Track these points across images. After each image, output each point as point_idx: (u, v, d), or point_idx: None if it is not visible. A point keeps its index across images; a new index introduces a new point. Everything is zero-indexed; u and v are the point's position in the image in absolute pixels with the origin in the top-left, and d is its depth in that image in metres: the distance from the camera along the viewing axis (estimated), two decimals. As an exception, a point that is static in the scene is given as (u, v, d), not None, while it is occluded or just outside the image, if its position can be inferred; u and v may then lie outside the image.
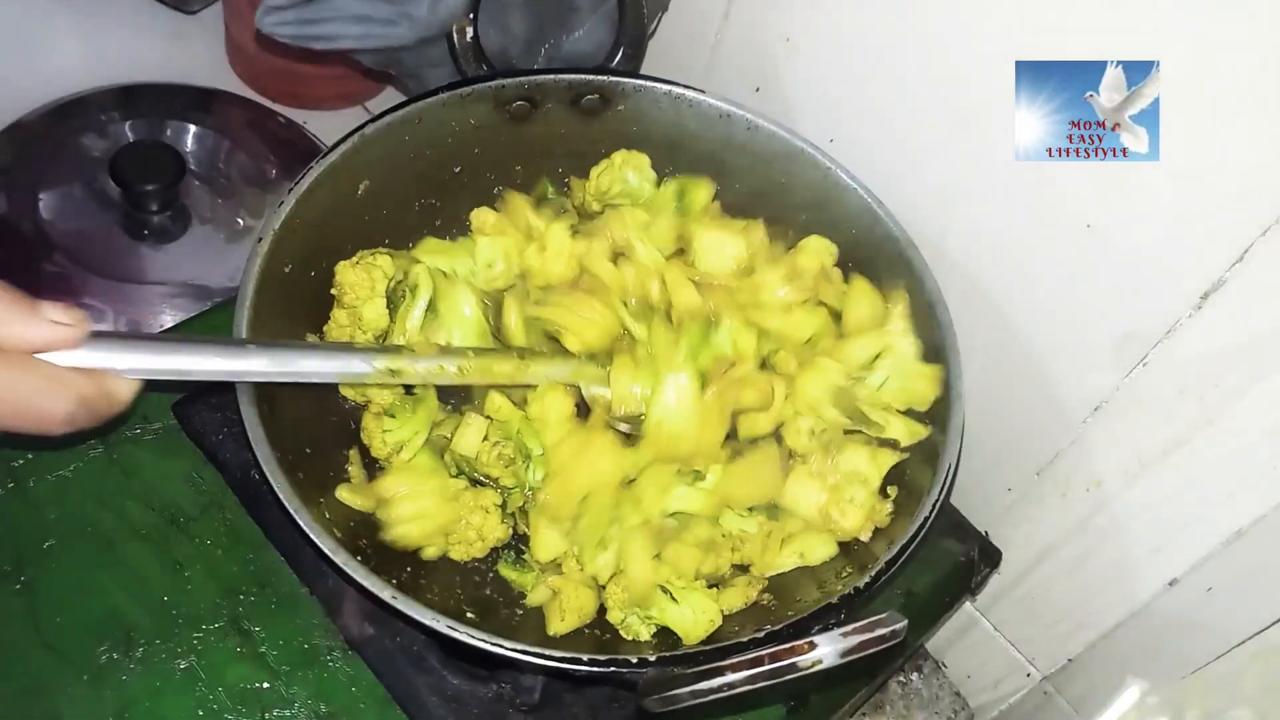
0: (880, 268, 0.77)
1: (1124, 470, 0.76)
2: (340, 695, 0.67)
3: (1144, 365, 0.71)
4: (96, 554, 0.70)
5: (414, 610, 0.56)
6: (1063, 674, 0.90)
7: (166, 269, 0.94)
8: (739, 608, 0.69)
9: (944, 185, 0.77)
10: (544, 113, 0.79)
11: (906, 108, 0.77)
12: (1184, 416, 0.70)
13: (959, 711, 1.02)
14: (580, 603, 0.68)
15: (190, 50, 1.17)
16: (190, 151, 1.02)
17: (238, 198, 1.00)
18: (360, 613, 0.70)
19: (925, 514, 0.64)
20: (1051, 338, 0.76)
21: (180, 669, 0.66)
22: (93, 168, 0.97)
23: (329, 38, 0.77)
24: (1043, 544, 0.85)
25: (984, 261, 0.77)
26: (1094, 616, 0.84)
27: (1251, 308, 0.64)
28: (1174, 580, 0.77)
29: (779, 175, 0.80)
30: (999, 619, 0.94)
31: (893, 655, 0.70)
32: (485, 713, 0.68)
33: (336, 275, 0.72)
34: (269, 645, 0.68)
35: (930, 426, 0.71)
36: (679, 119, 0.80)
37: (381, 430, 0.70)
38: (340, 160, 0.72)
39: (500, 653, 0.56)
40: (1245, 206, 0.61)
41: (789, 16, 0.81)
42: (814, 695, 0.75)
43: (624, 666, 0.57)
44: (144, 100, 1.04)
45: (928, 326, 0.73)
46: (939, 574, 0.83)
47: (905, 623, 0.52)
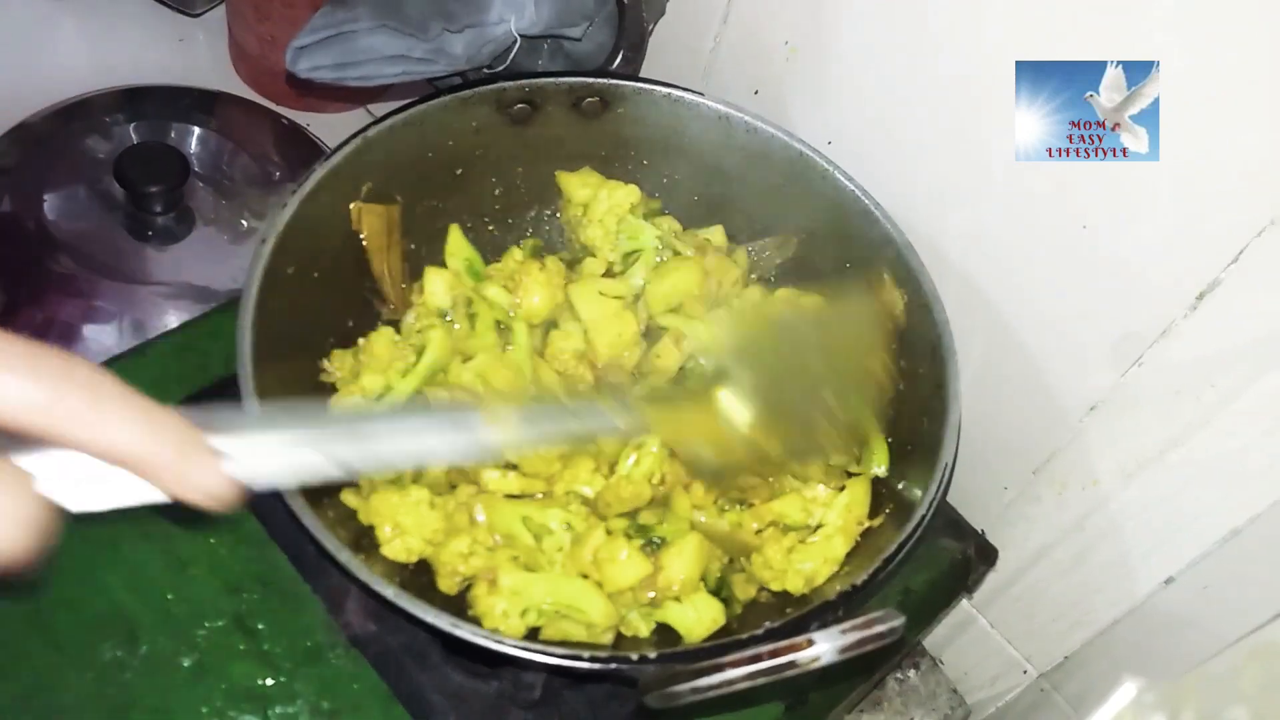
0: (878, 268, 0.77)
1: (1121, 469, 0.76)
2: (343, 692, 0.68)
3: (1140, 365, 0.71)
4: (100, 552, 0.70)
5: (416, 608, 0.57)
6: (1059, 671, 0.91)
7: (170, 270, 0.95)
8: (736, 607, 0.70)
9: (942, 186, 0.77)
10: (544, 115, 0.80)
11: (905, 110, 0.77)
12: (1180, 416, 0.71)
13: (956, 708, 1.02)
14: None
15: (194, 52, 1.18)
16: (194, 153, 1.03)
17: (241, 199, 1.01)
18: (363, 610, 0.70)
19: (922, 513, 0.65)
20: (1048, 338, 0.76)
21: (184, 666, 0.67)
22: (97, 169, 0.97)
23: (366, 77, 0.78)
24: (1039, 542, 0.85)
25: (980, 262, 0.77)
26: (1090, 614, 0.84)
27: (1247, 309, 0.64)
28: (1170, 578, 0.77)
29: (777, 177, 0.80)
30: (996, 617, 0.95)
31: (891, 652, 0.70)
32: (486, 709, 0.69)
33: (371, 343, 0.72)
34: (272, 643, 0.69)
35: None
36: (678, 121, 0.81)
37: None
38: (343, 162, 0.72)
39: (502, 650, 0.57)
40: (1241, 208, 0.61)
41: (788, 20, 0.82)
42: (812, 692, 0.76)
43: (624, 663, 0.58)
44: (148, 102, 1.04)
45: (925, 326, 0.73)
46: (936, 572, 0.83)
47: (903, 620, 0.53)
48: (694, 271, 0.78)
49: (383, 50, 0.77)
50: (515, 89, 0.78)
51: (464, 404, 0.61)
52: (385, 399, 0.71)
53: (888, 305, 0.73)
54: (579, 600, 0.65)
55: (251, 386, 0.62)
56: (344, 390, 0.71)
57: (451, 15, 0.79)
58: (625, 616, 0.68)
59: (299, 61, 0.77)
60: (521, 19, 0.83)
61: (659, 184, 0.85)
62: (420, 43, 0.78)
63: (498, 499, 0.68)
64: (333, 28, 0.76)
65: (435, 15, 0.79)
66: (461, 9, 0.80)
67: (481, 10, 0.81)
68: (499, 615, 0.64)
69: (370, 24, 0.77)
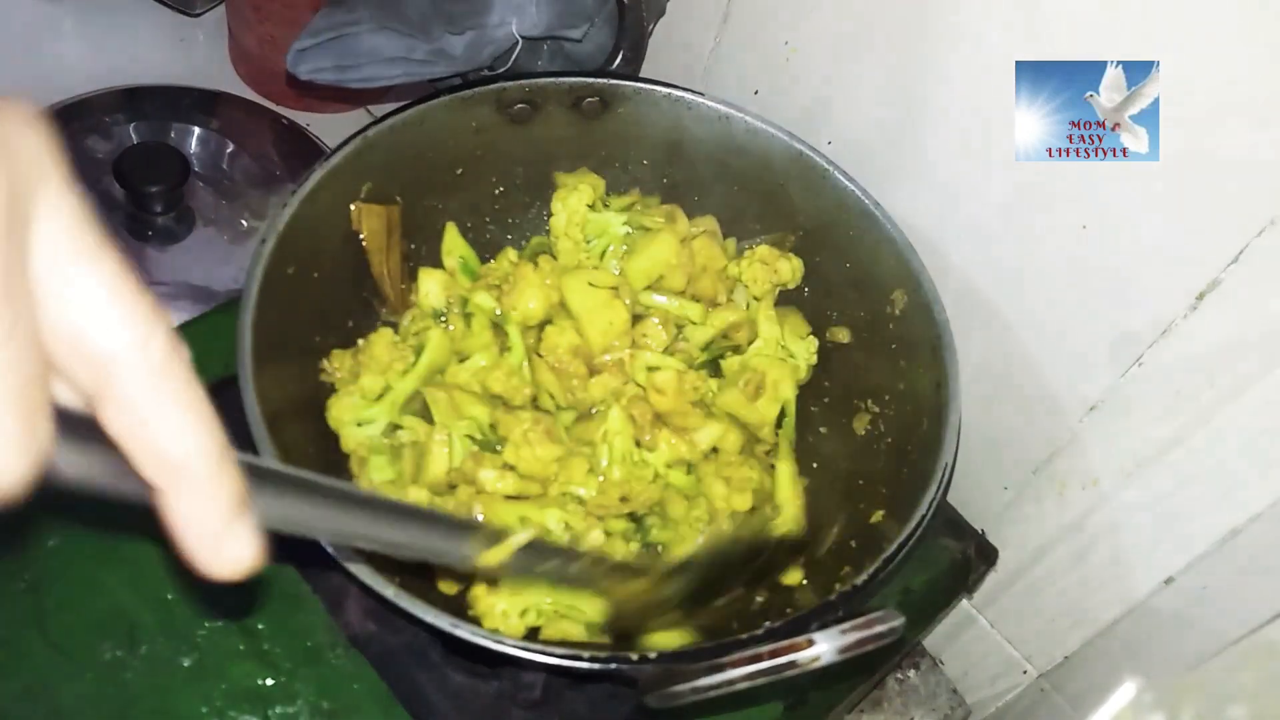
0: (878, 268, 0.77)
1: (1120, 469, 0.76)
2: (343, 692, 0.68)
3: (1140, 365, 0.71)
4: (100, 552, 0.70)
5: (416, 608, 0.57)
6: (1059, 671, 0.91)
7: (171, 270, 0.95)
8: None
9: (942, 186, 0.77)
10: (544, 115, 0.80)
11: (905, 110, 0.77)
12: (1180, 416, 0.71)
13: (956, 708, 1.02)
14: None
15: (194, 52, 1.18)
16: (194, 153, 1.03)
17: (241, 199, 1.01)
18: (362, 610, 0.70)
19: (922, 512, 0.65)
20: (1047, 337, 0.76)
21: (184, 666, 0.67)
22: (97, 169, 0.97)
23: (368, 79, 0.78)
24: (1039, 542, 0.85)
25: (980, 261, 0.77)
26: (1090, 614, 0.84)
27: (1247, 308, 0.64)
28: (1170, 578, 0.77)
29: (777, 177, 0.80)
30: (996, 617, 0.95)
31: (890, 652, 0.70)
32: (487, 709, 0.69)
33: (371, 345, 0.72)
34: (272, 643, 0.69)
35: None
36: (678, 121, 0.81)
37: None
38: (343, 162, 0.72)
39: (502, 650, 0.57)
40: (1241, 207, 0.61)
41: (788, 19, 0.82)
42: (812, 692, 0.76)
43: (625, 663, 0.58)
44: (148, 102, 1.05)
45: (924, 326, 0.73)
46: (936, 572, 0.83)
47: (903, 620, 0.53)
48: (667, 242, 0.78)
49: (384, 52, 0.77)
50: (515, 89, 0.78)
51: (466, 519, 0.63)
52: (384, 398, 0.71)
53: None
54: (578, 600, 0.65)
55: (251, 387, 0.62)
56: (343, 390, 0.71)
57: (452, 17, 0.80)
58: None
59: (300, 64, 0.77)
60: (522, 21, 0.83)
61: (659, 184, 0.85)
62: (421, 44, 0.79)
63: (496, 499, 0.69)
64: (333, 30, 0.76)
65: (436, 17, 0.79)
66: (462, 11, 0.80)
67: (482, 12, 0.81)
68: (499, 615, 0.64)
69: (371, 26, 0.77)
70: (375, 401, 0.71)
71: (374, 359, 0.71)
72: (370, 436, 0.70)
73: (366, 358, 0.72)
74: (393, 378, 0.71)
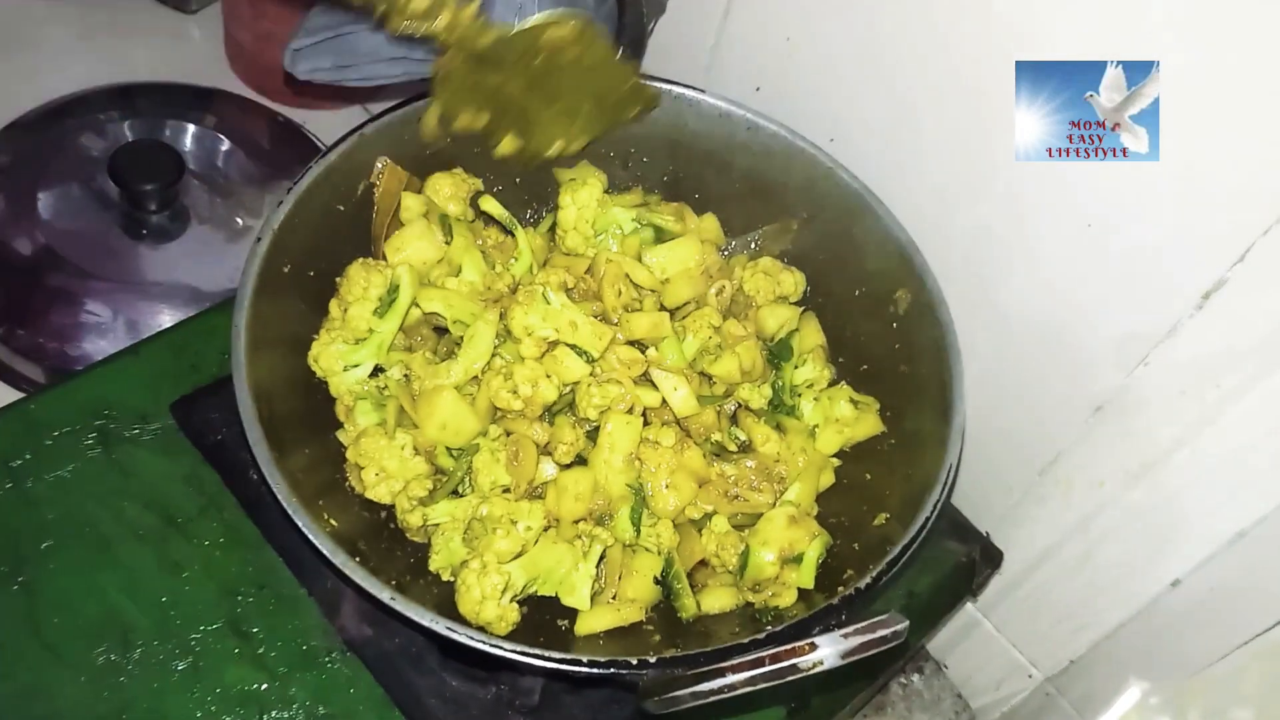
0: (881, 267, 0.76)
1: (1126, 470, 0.76)
2: (339, 697, 0.67)
3: (1145, 365, 0.71)
4: (95, 554, 0.69)
5: (413, 611, 0.56)
6: (1065, 675, 0.90)
7: (165, 269, 0.94)
8: (730, 608, 0.69)
9: (945, 185, 0.77)
10: (544, 112, 0.79)
11: (907, 107, 0.76)
12: (1185, 416, 0.70)
13: (960, 713, 1.01)
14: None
15: (189, 49, 1.17)
16: (189, 151, 1.02)
17: (237, 197, 1.00)
18: (359, 614, 0.70)
19: (926, 514, 0.64)
20: (1052, 338, 0.76)
21: (178, 670, 0.66)
22: (91, 167, 0.97)
23: (367, 78, 0.77)
24: (1044, 545, 0.85)
25: (984, 261, 0.77)
26: (1096, 617, 0.84)
27: (1253, 308, 0.64)
28: (1176, 581, 0.76)
29: (779, 174, 0.80)
30: (1000, 620, 0.94)
31: (894, 656, 0.70)
32: (484, 714, 0.68)
33: (347, 271, 0.72)
34: (267, 646, 0.68)
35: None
36: (679, 118, 0.80)
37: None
38: (339, 160, 0.72)
39: (499, 654, 0.56)
40: (1246, 206, 0.61)
41: (789, 16, 0.81)
42: (815, 696, 0.75)
43: (624, 668, 0.57)
44: (143, 99, 1.04)
45: (929, 326, 0.72)
46: (940, 575, 0.83)
47: (906, 623, 0.52)
48: (689, 246, 0.79)
49: (384, 51, 0.77)
50: (514, 86, 0.77)
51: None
52: (369, 341, 0.71)
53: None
54: (549, 565, 0.67)
55: (247, 386, 0.61)
56: (328, 331, 0.72)
57: (452, 16, 0.79)
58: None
59: (298, 63, 0.76)
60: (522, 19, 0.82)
61: (659, 181, 0.84)
62: (421, 43, 0.78)
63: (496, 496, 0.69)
64: (331, 29, 0.75)
65: (436, 15, 0.78)
66: (462, 9, 0.79)
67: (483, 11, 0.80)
68: (486, 597, 0.64)
69: (371, 24, 0.76)
70: (360, 345, 0.71)
71: (350, 281, 0.72)
72: (358, 380, 0.71)
73: (344, 284, 0.72)
74: (375, 321, 0.71)
